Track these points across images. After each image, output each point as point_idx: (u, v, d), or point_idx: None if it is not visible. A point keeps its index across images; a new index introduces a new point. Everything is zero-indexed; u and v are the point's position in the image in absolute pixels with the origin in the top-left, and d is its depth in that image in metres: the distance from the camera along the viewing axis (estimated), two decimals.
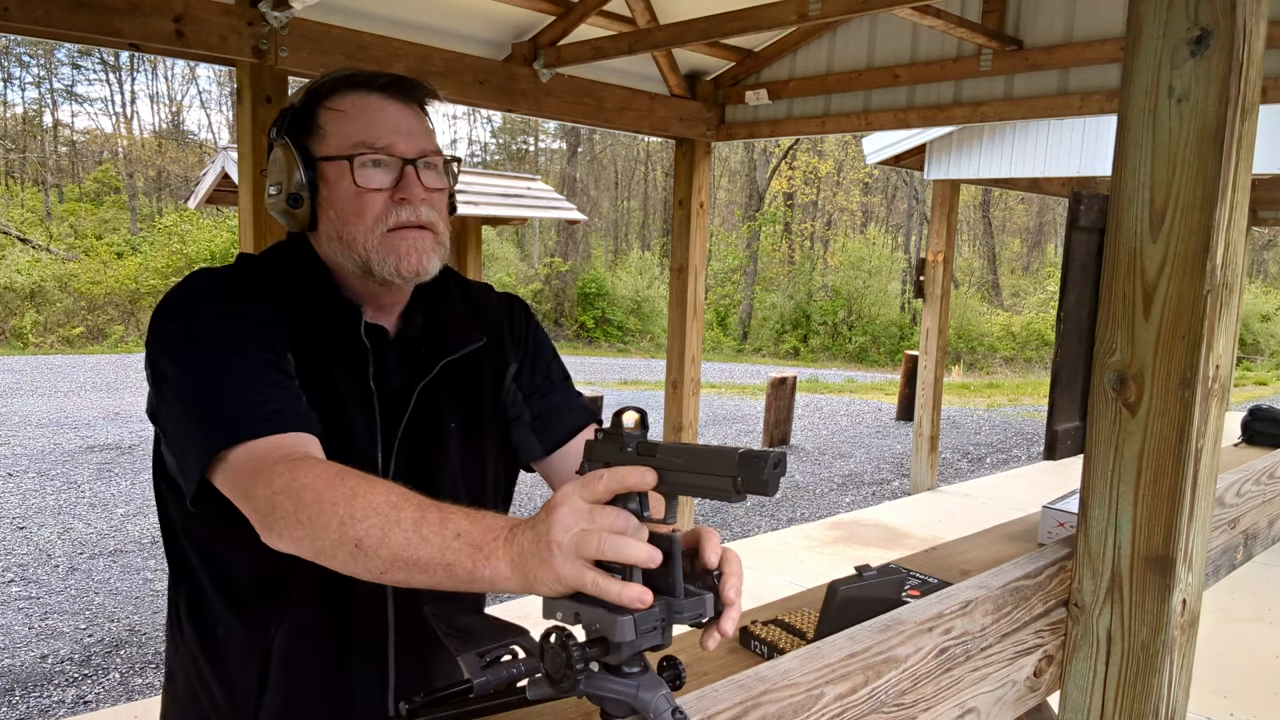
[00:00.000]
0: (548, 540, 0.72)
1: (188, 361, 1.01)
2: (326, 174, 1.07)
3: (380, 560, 0.83)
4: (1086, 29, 3.75)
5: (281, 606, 1.08)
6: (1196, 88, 0.84)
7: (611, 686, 0.72)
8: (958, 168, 7.32)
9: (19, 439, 8.65)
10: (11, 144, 25.65)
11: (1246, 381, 17.50)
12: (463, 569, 0.78)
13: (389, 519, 0.83)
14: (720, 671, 1.23)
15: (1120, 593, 0.93)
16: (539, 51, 3.98)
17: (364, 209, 1.05)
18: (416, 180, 1.07)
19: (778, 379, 9.19)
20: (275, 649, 1.09)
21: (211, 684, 1.13)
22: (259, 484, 0.92)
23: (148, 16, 2.88)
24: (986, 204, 27.98)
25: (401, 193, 1.06)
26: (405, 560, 0.81)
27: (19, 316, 17.92)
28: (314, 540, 0.87)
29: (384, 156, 1.06)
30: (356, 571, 0.85)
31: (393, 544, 0.82)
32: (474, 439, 1.19)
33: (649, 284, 23.76)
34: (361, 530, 0.84)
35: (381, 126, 1.07)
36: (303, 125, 1.09)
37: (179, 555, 1.14)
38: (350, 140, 1.06)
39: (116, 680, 3.81)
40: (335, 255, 1.09)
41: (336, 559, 0.86)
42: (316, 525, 0.86)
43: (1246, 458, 1.94)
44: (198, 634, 1.13)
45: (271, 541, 0.91)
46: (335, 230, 1.08)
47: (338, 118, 1.08)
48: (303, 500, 0.87)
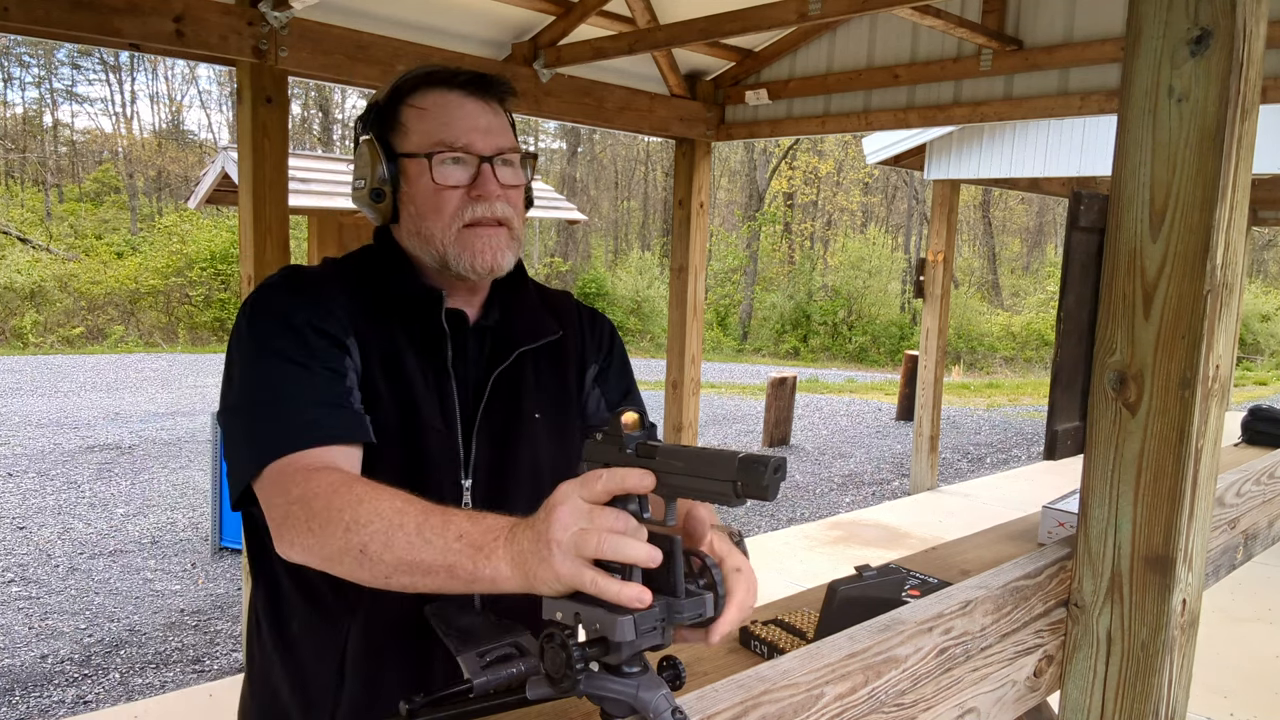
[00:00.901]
0: (547, 539, 0.72)
1: (248, 369, 1.05)
2: (407, 170, 1.11)
3: (385, 565, 0.84)
4: (1086, 29, 3.75)
5: (355, 599, 1.09)
6: (1196, 88, 0.84)
7: (611, 686, 0.72)
8: (958, 168, 7.32)
9: (19, 439, 8.65)
10: (11, 144, 25.65)
11: (1246, 381, 17.50)
12: (464, 570, 0.79)
13: (392, 523, 0.84)
14: (720, 671, 1.23)
15: (1120, 593, 0.93)
16: (539, 51, 3.98)
17: (441, 205, 1.09)
18: (492, 177, 1.10)
19: (778, 379, 9.19)
20: (351, 642, 1.10)
21: (289, 678, 1.14)
22: (277, 494, 0.96)
23: (148, 16, 2.88)
24: (986, 204, 27.98)
25: (478, 189, 1.09)
26: (409, 564, 0.83)
27: (19, 316, 17.92)
28: (322, 547, 0.89)
29: (462, 155, 1.10)
30: (362, 577, 0.87)
31: (397, 548, 0.83)
32: (560, 431, 1.21)
33: (649, 284, 23.75)
34: (366, 535, 0.85)
35: (460, 125, 1.10)
36: (386, 121, 1.13)
37: (261, 554, 1.15)
38: (430, 138, 1.09)
39: (116, 680, 3.81)
40: (415, 248, 1.13)
41: (344, 565, 0.88)
42: (325, 532, 0.88)
43: (1246, 458, 1.94)
44: (274, 630, 1.15)
45: (283, 550, 0.94)
46: (414, 225, 1.12)
47: (419, 115, 1.11)
48: (313, 509, 0.90)
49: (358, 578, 0.88)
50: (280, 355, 1.03)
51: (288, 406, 1.01)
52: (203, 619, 4.45)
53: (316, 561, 0.91)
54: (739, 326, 23.97)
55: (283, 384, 1.02)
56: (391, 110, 1.13)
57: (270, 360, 1.03)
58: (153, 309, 19.44)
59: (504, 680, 0.87)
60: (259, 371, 1.04)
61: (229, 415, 1.06)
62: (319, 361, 1.03)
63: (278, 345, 1.04)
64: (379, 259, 1.16)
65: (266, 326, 1.06)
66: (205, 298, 19.59)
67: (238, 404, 1.05)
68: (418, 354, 1.12)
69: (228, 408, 1.06)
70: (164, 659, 4.01)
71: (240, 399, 1.05)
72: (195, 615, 4.50)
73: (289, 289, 1.10)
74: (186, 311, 19.52)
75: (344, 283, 1.12)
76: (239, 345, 1.07)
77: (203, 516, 6.05)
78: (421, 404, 1.10)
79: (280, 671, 1.15)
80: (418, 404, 1.10)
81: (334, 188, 6.76)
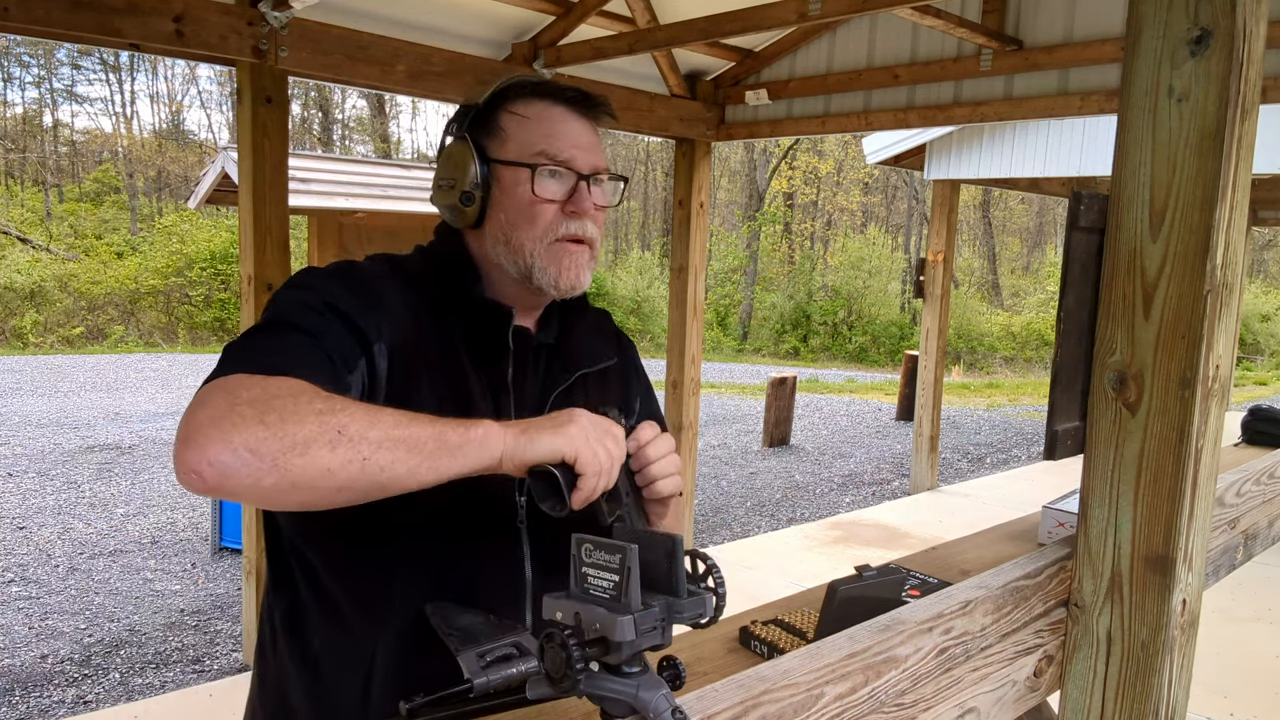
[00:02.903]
0: (570, 415, 0.90)
1: (252, 331, 0.98)
2: (502, 177, 1.09)
3: (367, 443, 0.81)
4: (1086, 29, 3.75)
5: (385, 617, 1.07)
6: (1196, 88, 0.84)
7: (611, 686, 0.72)
8: (958, 168, 7.32)
9: (19, 439, 8.65)
10: (11, 144, 25.65)
11: (1246, 381, 17.50)
12: (454, 434, 0.85)
13: (370, 409, 0.85)
14: (720, 671, 1.23)
15: (1120, 593, 0.93)
16: (539, 51, 3.98)
17: (536, 217, 1.08)
18: (588, 195, 1.09)
19: (778, 379, 9.19)
20: (379, 660, 1.07)
21: (307, 694, 1.11)
22: (219, 395, 0.82)
23: (148, 16, 2.88)
24: (986, 204, 27.98)
25: (574, 206, 1.09)
26: (394, 438, 0.83)
27: (19, 316, 17.92)
28: (279, 438, 0.78)
29: (563, 169, 1.08)
30: (329, 463, 0.79)
31: (382, 424, 0.83)
32: None
33: (649, 284, 23.74)
34: (346, 417, 0.82)
35: (565, 139, 1.09)
36: (483, 126, 1.10)
37: (283, 566, 1.13)
38: (533, 148, 1.08)
39: (116, 680, 3.81)
40: (498, 256, 1.11)
41: (306, 453, 0.78)
42: (285, 424, 0.79)
43: (1246, 458, 1.94)
44: (292, 644, 1.12)
45: (195, 456, 0.77)
46: (504, 233, 1.10)
47: (520, 123, 1.09)
48: (270, 405, 0.80)
49: (321, 465, 0.79)
50: (290, 324, 0.97)
51: (267, 352, 0.93)
52: (203, 619, 4.45)
53: (252, 464, 0.77)
54: (739, 326, 23.97)
55: (277, 343, 0.95)
56: (490, 115, 1.10)
57: (276, 327, 0.97)
58: (153, 309, 19.44)
59: (504, 680, 0.87)
60: (261, 334, 0.97)
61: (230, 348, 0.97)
62: (328, 342, 0.97)
63: (293, 315, 0.98)
64: (448, 265, 1.13)
65: (292, 297, 1.02)
66: (205, 298, 19.59)
67: (240, 344, 0.96)
68: (476, 366, 1.09)
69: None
70: (164, 659, 4.01)
71: (224, 351, 0.96)
72: (195, 615, 4.50)
73: (334, 273, 1.06)
74: (186, 311, 19.52)
75: (404, 286, 1.09)
76: (267, 310, 1.02)
77: (203, 516, 6.05)
78: (476, 415, 1.07)
79: (298, 686, 1.12)
80: (473, 415, 1.07)
81: (334, 188, 6.75)
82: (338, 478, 0.80)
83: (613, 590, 0.73)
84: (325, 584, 1.09)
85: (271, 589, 1.16)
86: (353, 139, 29.82)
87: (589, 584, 0.75)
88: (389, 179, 7.58)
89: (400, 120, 34.24)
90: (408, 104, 31.08)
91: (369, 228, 6.98)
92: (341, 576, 1.08)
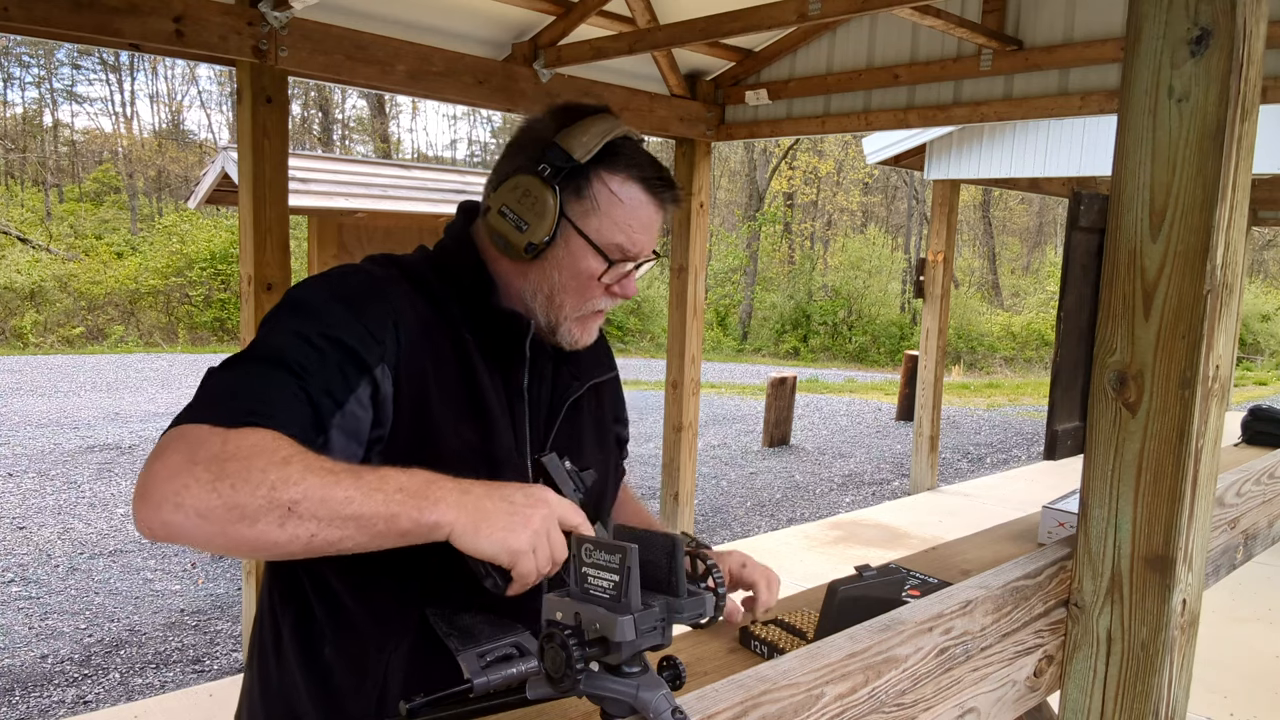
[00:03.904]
0: (526, 518, 0.88)
1: (239, 357, 0.97)
2: (570, 242, 1.09)
3: (316, 521, 0.82)
4: (1086, 29, 3.75)
5: (400, 625, 1.07)
6: (1196, 88, 0.84)
7: (611, 686, 0.72)
8: (958, 168, 7.32)
9: (19, 439, 8.65)
10: (11, 144, 25.64)
11: (1246, 381, 17.50)
12: (406, 518, 0.84)
13: (327, 481, 0.84)
14: (720, 671, 1.23)
15: (1120, 593, 0.93)
16: (539, 51, 3.98)
17: (584, 292, 1.11)
18: (634, 281, 1.14)
19: (778, 379, 9.19)
20: (393, 672, 1.07)
21: (316, 705, 1.11)
22: (177, 452, 0.84)
23: (148, 16, 2.88)
24: (986, 204, 27.97)
25: (619, 289, 1.13)
26: (344, 517, 0.83)
27: (19, 316, 17.91)
28: (228, 509, 0.80)
29: (629, 263, 1.12)
30: (276, 538, 0.81)
31: (333, 503, 0.82)
32: (603, 463, 1.24)
33: (649, 284, 23.73)
34: (298, 492, 0.82)
35: (643, 237, 1.11)
36: (574, 180, 1.08)
37: (291, 579, 1.12)
38: (614, 237, 1.10)
39: (116, 680, 3.81)
40: (531, 298, 1.13)
41: (255, 526, 0.81)
42: (239, 491, 0.81)
43: (1246, 458, 1.94)
44: (301, 652, 1.11)
45: (144, 513, 0.82)
46: (549, 287, 1.11)
47: (611, 203, 1.09)
48: (225, 470, 0.82)
49: (269, 539, 0.81)
50: (276, 360, 0.94)
51: (242, 396, 0.91)
52: (203, 619, 4.45)
53: (202, 528, 0.80)
54: (739, 326, 23.96)
55: (256, 384, 0.93)
56: (584, 174, 1.08)
57: (260, 362, 0.95)
58: (153, 309, 19.44)
59: (504, 680, 0.87)
60: (243, 368, 0.95)
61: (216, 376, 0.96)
62: (314, 381, 0.94)
63: (282, 347, 0.96)
64: (463, 274, 1.13)
65: (287, 325, 0.99)
66: (205, 298, 19.59)
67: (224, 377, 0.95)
68: (491, 373, 1.10)
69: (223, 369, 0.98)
70: (164, 659, 4.01)
71: (204, 379, 0.95)
72: (195, 615, 4.50)
73: (336, 293, 1.03)
74: (186, 311, 19.52)
75: (412, 290, 1.07)
76: (263, 326, 1.01)
77: None
78: (496, 424, 1.09)
79: (305, 696, 1.11)
80: (492, 424, 1.08)
81: (334, 188, 6.76)
82: (285, 549, 0.83)
83: (613, 590, 0.73)
84: (338, 595, 1.08)
85: (279, 601, 1.14)
86: (353, 139, 29.82)
87: (589, 584, 0.75)
88: (389, 179, 7.58)
89: (400, 120, 34.20)
90: (408, 104, 31.11)
91: (369, 228, 6.98)
92: (355, 588, 1.08)
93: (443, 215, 7.08)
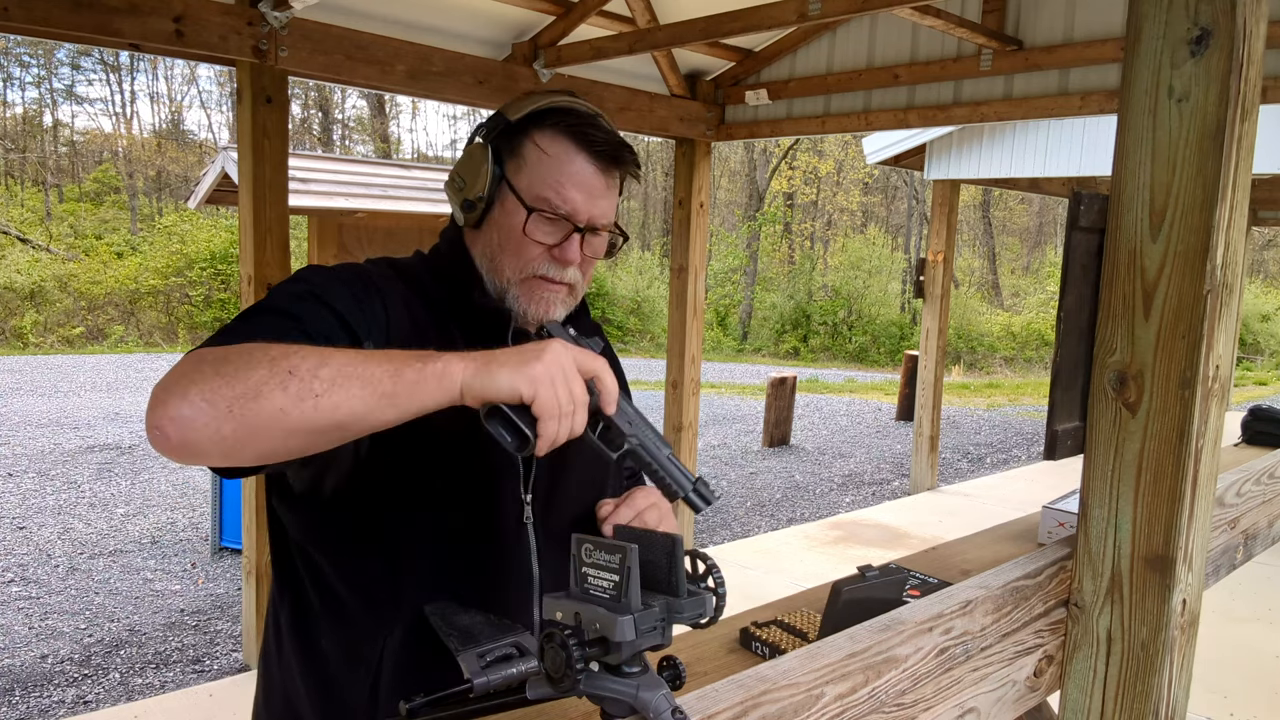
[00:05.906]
0: (539, 351, 0.86)
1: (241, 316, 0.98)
2: (505, 200, 1.10)
3: (319, 381, 0.81)
4: (1086, 29, 3.75)
5: (393, 616, 1.07)
6: (1196, 88, 0.84)
7: (611, 686, 0.72)
8: (958, 168, 7.32)
9: (19, 439, 8.65)
10: (11, 144, 25.64)
11: (1246, 381, 17.50)
12: (410, 370, 0.83)
13: (324, 351, 0.85)
14: (720, 671, 1.23)
15: (1120, 593, 0.93)
16: (539, 51, 3.98)
17: (520, 251, 1.10)
18: (577, 248, 1.10)
19: (778, 379, 9.19)
20: (387, 660, 1.07)
21: (311, 696, 1.11)
22: (188, 364, 0.85)
23: (148, 16, 2.88)
24: (986, 204, 27.97)
25: (560, 253, 1.10)
26: (348, 375, 0.82)
27: (19, 316, 17.92)
28: (232, 386, 0.80)
29: (560, 219, 1.09)
30: (283, 404, 0.80)
31: (334, 364, 0.82)
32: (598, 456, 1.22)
33: (649, 284, 23.74)
34: (297, 359, 0.82)
35: (570, 190, 1.09)
36: (509, 140, 1.11)
37: (288, 566, 1.13)
38: (539, 191, 1.08)
39: (116, 680, 3.81)
40: (482, 266, 1.13)
41: (260, 399, 0.80)
42: (239, 375, 0.81)
43: (1246, 458, 1.94)
44: (297, 644, 1.12)
45: (153, 415, 0.81)
46: (490, 250, 1.12)
47: (539, 158, 1.09)
48: (227, 359, 0.83)
49: (274, 406, 0.80)
50: (274, 309, 0.97)
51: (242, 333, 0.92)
52: (203, 619, 4.45)
53: (209, 412, 0.79)
54: (739, 326, 23.96)
55: (254, 324, 0.94)
56: (518, 133, 1.10)
57: (258, 311, 0.97)
58: (153, 309, 19.44)
59: (504, 680, 0.87)
60: (240, 318, 0.97)
61: None
62: (308, 325, 0.96)
63: (278, 302, 0.99)
64: (449, 269, 1.15)
65: (283, 289, 1.02)
66: (205, 298, 19.59)
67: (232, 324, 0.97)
68: None
69: None
70: (164, 659, 4.01)
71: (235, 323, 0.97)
72: (195, 615, 4.50)
73: (334, 273, 1.07)
74: (186, 311, 19.52)
75: (405, 289, 1.10)
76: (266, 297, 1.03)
77: (203, 516, 6.05)
78: None
79: (301, 687, 1.12)
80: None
81: (334, 188, 6.75)
82: (292, 418, 0.81)
83: (613, 590, 0.73)
84: (332, 584, 1.09)
85: (276, 590, 1.16)
86: (353, 139, 29.82)
87: (589, 584, 0.75)
88: (389, 179, 7.58)
89: (400, 120, 34.23)
90: (408, 104, 31.11)
91: (369, 228, 6.98)
92: (348, 576, 1.08)
93: (442, 215, 7.07)
